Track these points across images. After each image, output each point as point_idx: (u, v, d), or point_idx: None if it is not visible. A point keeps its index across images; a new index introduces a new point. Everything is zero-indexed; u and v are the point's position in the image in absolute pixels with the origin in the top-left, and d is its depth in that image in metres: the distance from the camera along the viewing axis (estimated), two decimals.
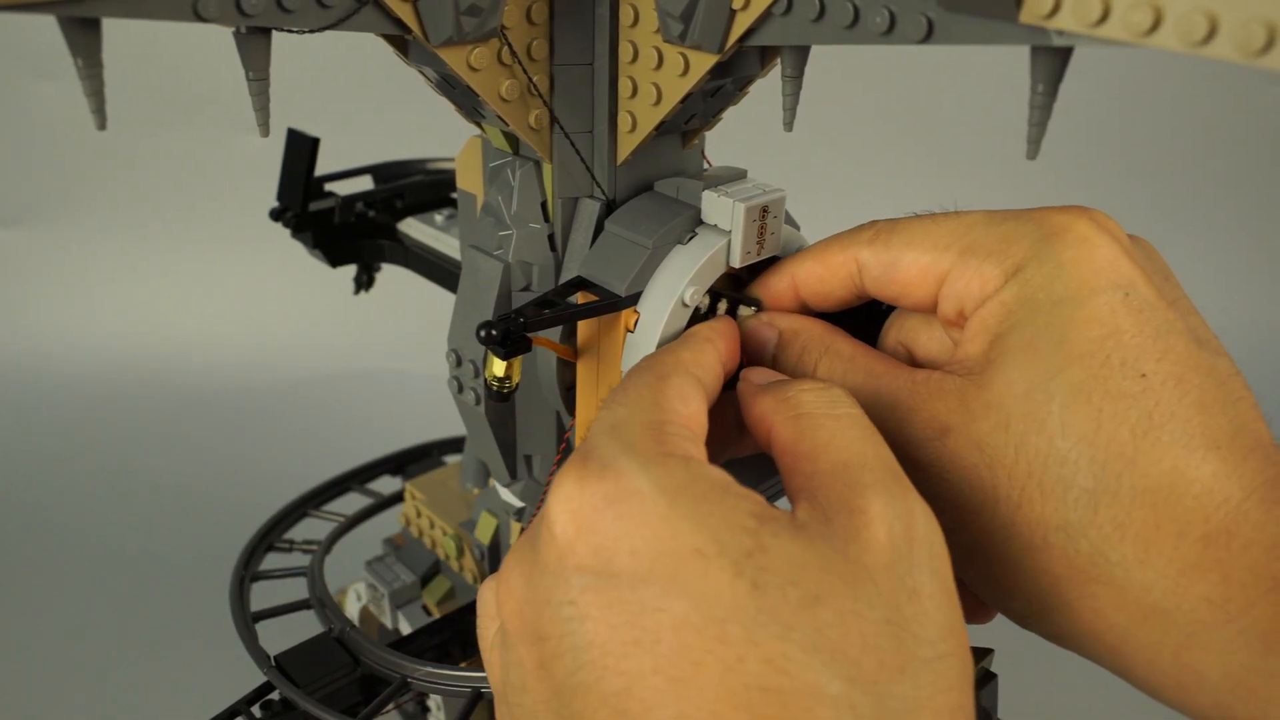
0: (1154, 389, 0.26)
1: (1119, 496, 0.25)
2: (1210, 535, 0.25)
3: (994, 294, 0.28)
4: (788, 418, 0.27)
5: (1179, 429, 0.25)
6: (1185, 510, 0.25)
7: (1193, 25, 0.20)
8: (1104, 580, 0.26)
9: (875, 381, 0.31)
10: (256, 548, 0.63)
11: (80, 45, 0.25)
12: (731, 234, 0.36)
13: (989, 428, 0.27)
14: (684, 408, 0.26)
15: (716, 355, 0.30)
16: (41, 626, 0.90)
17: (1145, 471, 0.25)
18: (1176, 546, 0.25)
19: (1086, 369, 0.26)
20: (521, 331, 0.34)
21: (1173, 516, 0.25)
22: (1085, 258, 0.27)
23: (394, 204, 0.58)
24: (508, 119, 0.37)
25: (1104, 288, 0.27)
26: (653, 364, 0.29)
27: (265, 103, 0.30)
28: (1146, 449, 0.25)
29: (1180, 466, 0.25)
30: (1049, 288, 0.27)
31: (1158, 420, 0.25)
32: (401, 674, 0.49)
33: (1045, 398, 0.26)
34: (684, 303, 0.35)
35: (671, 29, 0.33)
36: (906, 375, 0.30)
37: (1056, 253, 0.28)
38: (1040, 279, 0.27)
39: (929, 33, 0.25)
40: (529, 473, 0.46)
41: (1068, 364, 0.26)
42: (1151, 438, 0.25)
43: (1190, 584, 0.25)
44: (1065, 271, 0.27)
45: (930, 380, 0.29)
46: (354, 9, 0.30)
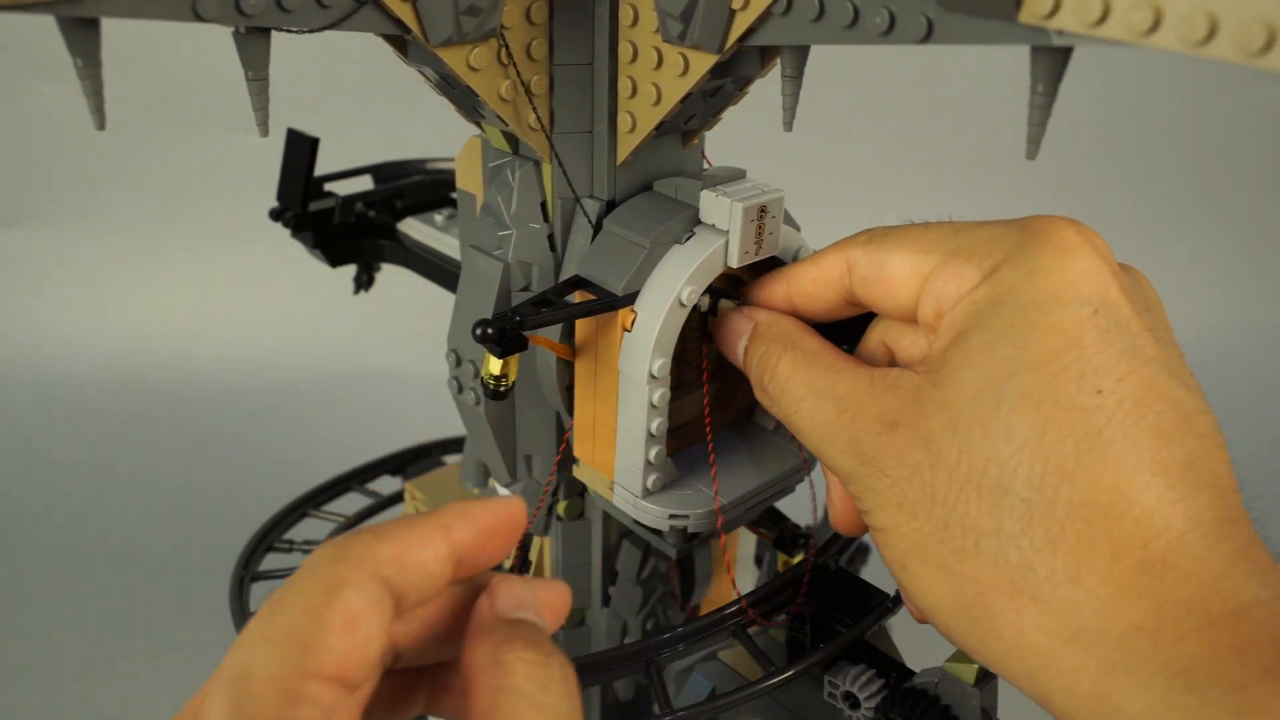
0: (1108, 407, 0.25)
1: (1055, 509, 0.25)
2: (1147, 562, 0.24)
3: (969, 293, 0.28)
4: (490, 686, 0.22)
5: (1128, 449, 0.25)
6: (1123, 532, 0.24)
7: (1193, 25, 0.20)
8: (1031, 594, 0.25)
9: (834, 377, 0.31)
10: (256, 548, 0.63)
11: (79, 45, 0.25)
12: (729, 234, 0.36)
13: (938, 425, 0.27)
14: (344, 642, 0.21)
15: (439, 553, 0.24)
16: (41, 626, 0.90)
17: (1084, 487, 0.25)
18: (1110, 568, 0.24)
19: (1041, 376, 0.25)
20: (518, 330, 0.34)
21: (1109, 537, 0.24)
22: (1061, 266, 0.27)
23: (394, 204, 0.58)
24: (507, 119, 0.37)
25: (1074, 300, 0.26)
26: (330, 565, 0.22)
27: (265, 103, 0.30)
28: (1090, 465, 0.25)
29: (1122, 486, 0.24)
30: (1019, 290, 0.27)
31: (1106, 438, 0.25)
32: None
33: (995, 401, 0.26)
34: (681, 302, 0.35)
35: (671, 29, 0.33)
36: (866, 371, 0.30)
37: (1034, 257, 0.27)
38: (1012, 280, 0.27)
39: (929, 33, 0.25)
40: (529, 473, 0.46)
41: (1023, 369, 0.26)
42: (1097, 454, 0.25)
43: (1121, 609, 0.24)
44: (1038, 277, 0.27)
45: (888, 376, 0.29)
46: (353, 9, 0.30)
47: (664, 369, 0.36)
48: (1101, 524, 0.24)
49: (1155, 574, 0.24)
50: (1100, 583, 0.24)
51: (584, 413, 0.40)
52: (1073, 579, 0.24)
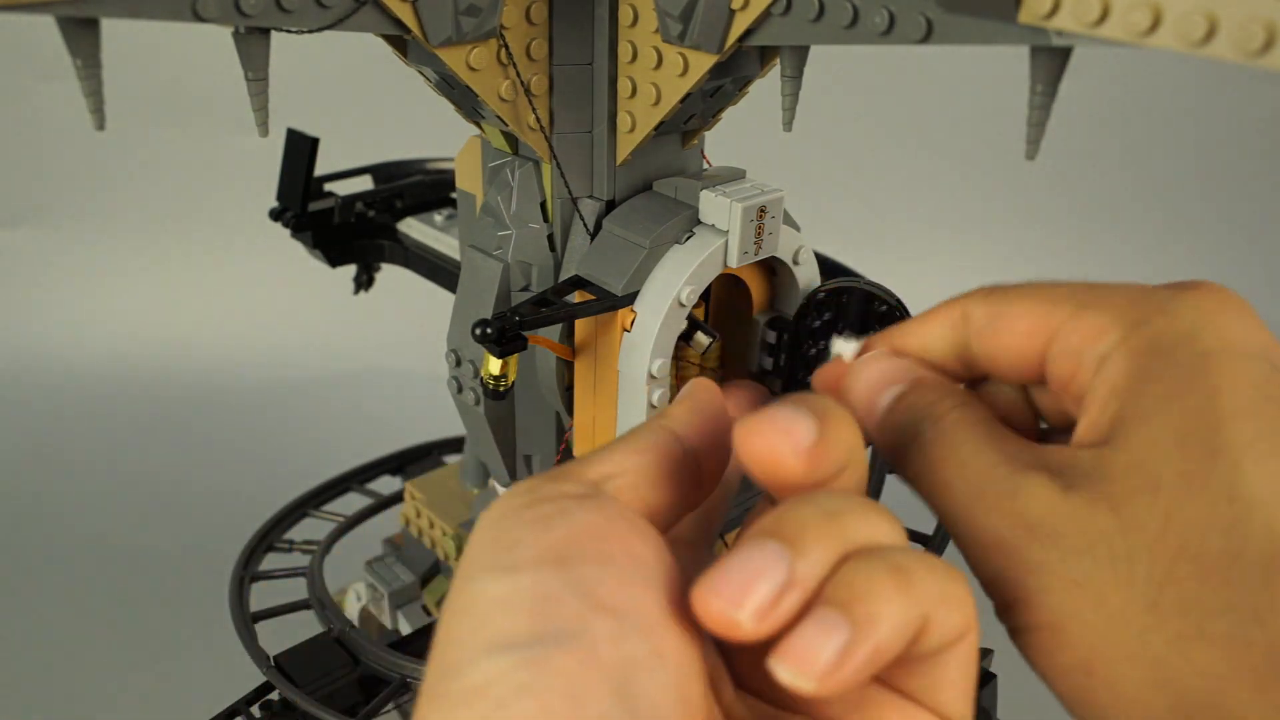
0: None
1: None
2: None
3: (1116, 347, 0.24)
4: None
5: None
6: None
7: (1192, 25, 0.20)
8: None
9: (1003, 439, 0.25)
10: (256, 548, 0.63)
11: (79, 45, 0.25)
12: (729, 234, 0.36)
13: (1131, 487, 0.22)
14: None
15: None
16: (41, 626, 0.90)
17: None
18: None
19: (1255, 428, 0.21)
20: (517, 330, 0.34)
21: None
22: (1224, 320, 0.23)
23: (394, 204, 0.58)
24: (507, 119, 0.37)
25: (1252, 353, 0.22)
26: None
27: (264, 103, 0.30)
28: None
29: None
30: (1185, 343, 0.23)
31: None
32: (401, 674, 0.49)
33: (1207, 454, 0.21)
34: (681, 302, 0.35)
35: (671, 29, 0.33)
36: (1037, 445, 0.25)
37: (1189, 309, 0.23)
38: (1173, 333, 0.23)
39: (928, 33, 0.25)
40: (529, 472, 0.46)
41: (1231, 418, 0.21)
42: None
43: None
44: (1201, 328, 0.23)
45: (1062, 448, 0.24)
46: (353, 9, 0.30)
47: (663, 369, 0.36)
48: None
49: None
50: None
51: (584, 413, 0.40)
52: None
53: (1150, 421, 0.22)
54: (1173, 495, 0.21)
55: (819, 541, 0.20)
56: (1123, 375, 0.23)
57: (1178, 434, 0.22)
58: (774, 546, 0.19)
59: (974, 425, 0.25)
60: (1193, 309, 0.23)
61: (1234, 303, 0.24)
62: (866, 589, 0.19)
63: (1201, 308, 0.23)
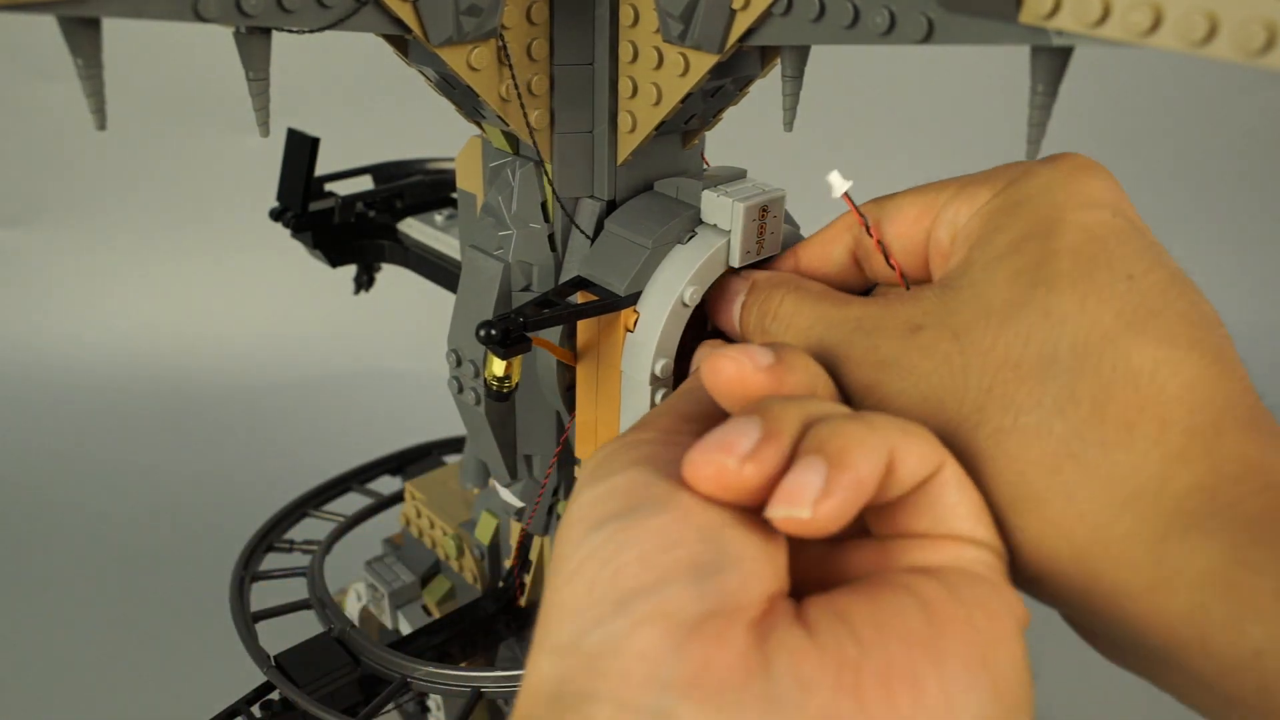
0: (1140, 290, 0.25)
1: (1099, 374, 0.24)
2: (1195, 429, 0.24)
3: (982, 206, 0.28)
4: None
5: (1163, 326, 0.25)
6: (1169, 400, 0.24)
7: (1192, 25, 0.20)
8: (1080, 461, 0.24)
9: (844, 305, 0.30)
10: (256, 548, 0.63)
11: (80, 45, 0.25)
12: (731, 233, 0.36)
13: (968, 316, 0.27)
14: None
15: None
16: (42, 625, 0.90)
17: (1127, 354, 0.24)
18: (1161, 433, 0.24)
19: (1074, 261, 0.26)
20: (521, 331, 0.34)
21: (1156, 403, 0.24)
22: (1076, 178, 0.27)
23: (394, 204, 0.58)
24: (507, 119, 0.37)
25: (1093, 204, 0.27)
26: None
27: (265, 103, 0.30)
28: (1131, 335, 0.25)
29: (1163, 359, 0.24)
30: (1037, 198, 0.27)
31: (1142, 315, 0.25)
32: (401, 674, 0.49)
33: (1029, 284, 0.26)
34: (684, 302, 0.35)
35: (671, 29, 0.33)
36: (879, 297, 0.30)
37: (1048, 172, 0.28)
38: (1029, 189, 0.28)
39: (929, 33, 0.25)
40: (529, 473, 0.46)
41: (1055, 256, 0.26)
42: (1136, 327, 0.25)
43: (1176, 471, 0.24)
44: (1055, 186, 0.27)
45: (904, 293, 0.29)
46: (354, 9, 0.30)
47: (666, 370, 0.36)
48: (1149, 390, 0.24)
49: (1206, 440, 0.24)
50: (1153, 446, 0.24)
51: (585, 413, 0.40)
52: (1124, 444, 0.24)
53: (992, 263, 0.27)
54: (1001, 317, 0.26)
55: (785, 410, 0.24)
56: (979, 226, 0.28)
57: (1012, 271, 0.26)
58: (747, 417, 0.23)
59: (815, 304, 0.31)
60: (1051, 171, 0.28)
61: (1092, 167, 0.28)
62: (832, 432, 0.23)
63: (1059, 170, 0.28)
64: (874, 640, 0.21)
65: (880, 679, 0.21)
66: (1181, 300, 0.26)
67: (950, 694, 0.21)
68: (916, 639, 0.22)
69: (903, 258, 0.31)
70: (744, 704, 0.20)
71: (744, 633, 0.21)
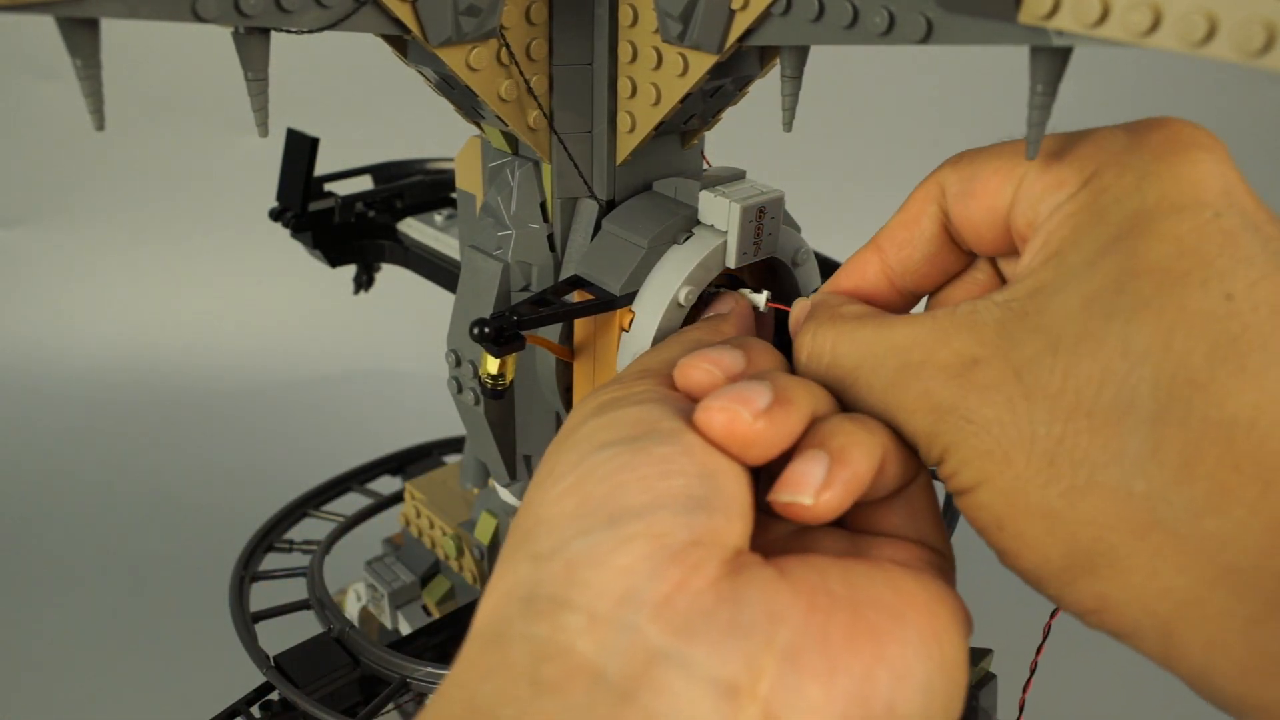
0: (1242, 313, 0.21)
1: (1188, 426, 0.21)
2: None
3: (1065, 203, 0.24)
4: None
5: (1269, 360, 0.20)
6: (1272, 454, 0.20)
7: (1192, 25, 0.20)
8: (1167, 528, 0.21)
9: (887, 330, 0.26)
10: (256, 548, 0.63)
11: (79, 45, 0.25)
12: (728, 234, 0.36)
13: (1031, 352, 0.23)
14: None
15: None
16: (41, 626, 0.90)
17: (1221, 401, 0.20)
18: (1262, 496, 0.20)
19: (1158, 285, 0.21)
20: (515, 329, 0.34)
21: (1255, 459, 0.20)
22: (1175, 167, 0.23)
23: (394, 204, 0.58)
24: (506, 119, 0.37)
25: (1191, 204, 0.22)
26: None
27: (264, 103, 0.30)
28: (1225, 377, 0.21)
29: (1265, 403, 0.20)
30: (1126, 198, 0.23)
31: (1243, 347, 0.21)
32: (401, 674, 0.49)
33: (1105, 315, 0.22)
34: (679, 303, 0.35)
35: (671, 29, 0.33)
36: (928, 316, 0.26)
37: (1142, 160, 0.23)
38: (1118, 187, 0.23)
39: (928, 33, 0.25)
40: (528, 473, 0.46)
41: (1137, 277, 0.22)
42: (1233, 364, 0.21)
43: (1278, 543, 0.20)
44: (1147, 181, 0.23)
45: (957, 312, 0.25)
46: (353, 9, 0.30)
47: None
48: (1245, 444, 0.20)
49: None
50: (1252, 513, 0.20)
51: None
52: (1217, 509, 0.21)
53: (1062, 289, 0.23)
54: (1070, 354, 0.22)
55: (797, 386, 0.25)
56: (1056, 234, 0.24)
57: (1084, 297, 0.23)
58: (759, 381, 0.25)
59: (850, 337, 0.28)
60: (1146, 159, 0.23)
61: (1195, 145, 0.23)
62: (835, 430, 0.24)
63: (1156, 156, 0.23)
64: (844, 594, 0.23)
65: (846, 628, 0.22)
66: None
67: (906, 657, 0.22)
68: (883, 604, 0.23)
69: (988, 233, 0.27)
70: (710, 629, 0.21)
71: (718, 565, 0.22)
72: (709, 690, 0.20)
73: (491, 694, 0.21)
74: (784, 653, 0.21)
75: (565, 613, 0.21)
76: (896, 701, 0.22)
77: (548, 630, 0.21)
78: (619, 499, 0.23)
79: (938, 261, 0.29)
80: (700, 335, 0.31)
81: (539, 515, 0.24)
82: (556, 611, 0.21)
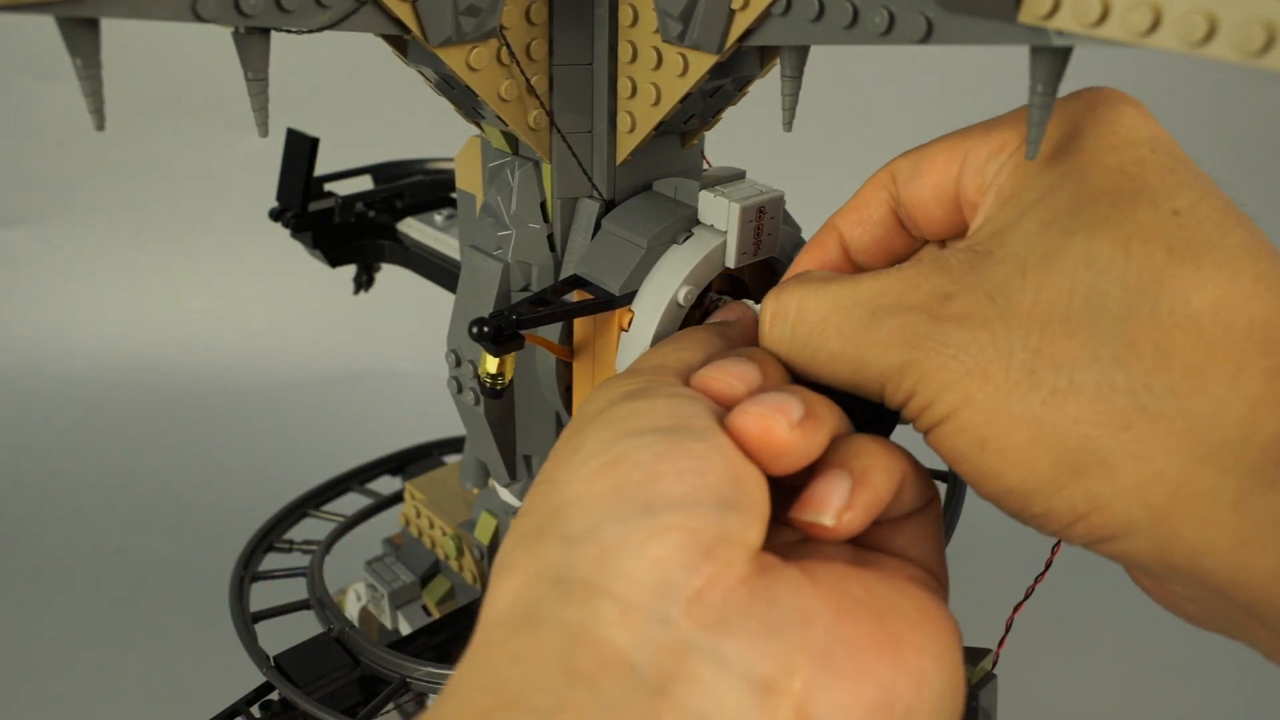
0: (1190, 225, 0.23)
1: (1158, 320, 0.22)
2: (1273, 370, 0.21)
3: (1010, 157, 0.26)
4: None
5: (1222, 260, 0.22)
6: (1239, 340, 0.22)
7: (1192, 25, 0.20)
8: (1152, 415, 0.22)
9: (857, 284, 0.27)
10: (256, 548, 0.63)
11: (79, 45, 0.25)
12: (727, 234, 0.36)
13: (1002, 276, 0.24)
14: None
15: None
16: (41, 626, 0.90)
17: (1186, 295, 0.22)
18: (1237, 376, 0.22)
19: (1110, 204, 0.24)
20: (514, 328, 0.34)
21: (1226, 345, 0.22)
22: (1107, 117, 0.25)
23: (394, 204, 0.58)
24: (506, 119, 0.37)
25: (1127, 143, 0.25)
26: None
27: (264, 103, 0.30)
28: (1186, 274, 0.22)
29: (1224, 296, 0.22)
30: (1067, 145, 0.25)
31: (1196, 250, 0.22)
32: (401, 674, 0.49)
33: (1064, 232, 0.24)
34: (678, 302, 0.35)
35: (670, 29, 0.33)
36: (895, 268, 0.27)
37: (1077, 112, 0.26)
38: (1058, 137, 0.26)
39: (928, 33, 0.25)
40: (528, 473, 0.46)
41: (1088, 201, 0.24)
42: (1190, 264, 0.22)
43: (1260, 416, 0.21)
44: (1085, 128, 0.25)
45: (923, 259, 0.26)
46: (353, 9, 0.30)
47: None
48: (1213, 330, 0.22)
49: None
50: (1231, 391, 0.22)
51: None
52: (1198, 390, 0.22)
53: (1020, 221, 0.25)
54: (1038, 272, 0.24)
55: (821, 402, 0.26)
56: (1009, 181, 0.26)
57: (1043, 222, 0.24)
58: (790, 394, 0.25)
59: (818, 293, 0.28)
60: (1081, 111, 0.26)
61: (1121, 100, 0.26)
62: (858, 450, 0.25)
63: (1085, 109, 0.26)
64: (868, 601, 0.23)
65: (870, 634, 0.22)
66: (1239, 230, 0.23)
67: (925, 667, 0.23)
68: (903, 614, 0.24)
69: (937, 210, 0.29)
70: (745, 625, 0.21)
71: (747, 563, 0.22)
72: (744, 686, 0.20)
73: (522, 680, 0.21)
74: (817, 652, 0.21)
75: (598, 599, 0.21)
76: (915, 710, 0.22)
77: (580, 616, 0.21)
78: (655, 488, 0.23)
79: (884, 243, 0.31)
80: (708, 336, 0.31)
81: (568, 494, 0.24)
82: (589, 597, 0.21)
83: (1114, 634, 0.83)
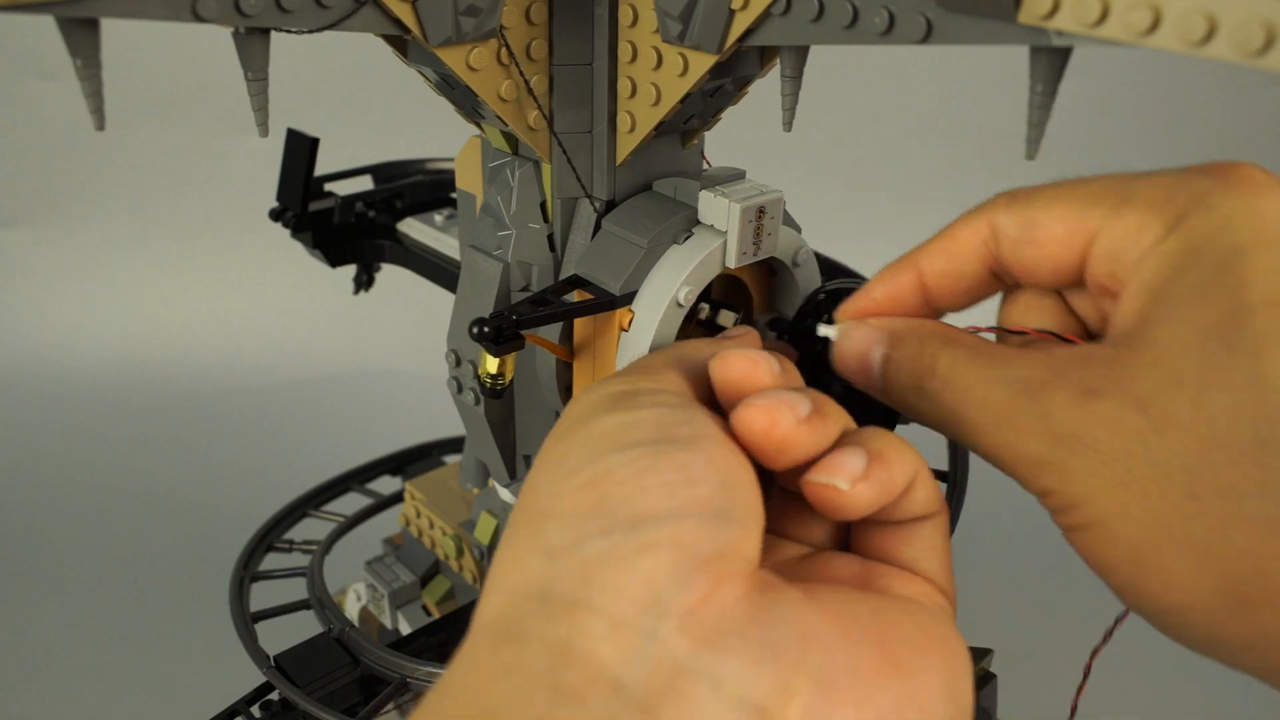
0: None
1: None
2: None
3: (1154, 245, 0.24)
4: None
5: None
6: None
7: (1191, 25, 0.20)
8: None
9: (1005, 363, 0.26)
10: (256, 548, 0.63)
11: (79, 45, 0.25)
12: (727, 234, 0.36)
13: (1153, 385, 0.23)
14: None
15: None
16: (42, 626, 0.90)
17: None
18: None
19: (1272, 317, 0.22)
20: (514, 328, 0.34)
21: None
22: (1259, 206, 0.24)
23: (394, 204, 0.58)
24: (506, 119, 0.37)
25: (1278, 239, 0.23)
26: None
27: (264, 103, 0.30)
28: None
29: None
30: (1219, 237, 0.23)
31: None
32: (401, 674, 0.49)
33: (1226, 347, 0.22)
34: (678, 303, 0.35)
35: (670, 29, 0.33)
36: (1041, 354, 0.25)
37: (1226, 201, 0.24)
38: (1208, 227, 0.24)
39: (928, 33, 0.25)
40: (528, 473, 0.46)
41: (1250, 311, 0.22)
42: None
43: None
44: (1236, 220, 0.23)
45: (1073, 352, 0.25)
46: (353, 9, 0.30)
47: None
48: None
49: None
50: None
51: None
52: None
53: (1174, 319, 0.23)
54: (1197, 388, 0.22)
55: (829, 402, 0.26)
56: (1155, 274, 0.24)
57: (1200, 330, 0.22)
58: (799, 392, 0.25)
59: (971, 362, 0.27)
60: (1229, 200, 0.24)
61: (1269, 187, 0.24)
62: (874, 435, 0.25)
63: (1238, 196, 0.24)
64: (873, 625, 0.22)
65: (874, 659, 0.22)
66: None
67: (931, 695, 0.22)
68: (910, 639, 0.23)
69: (1050, 280, 0.28)
70: (741, 645, 0.20)
71: (744, 579, 0.22)
72: (737, 709, 0.20)
73: (506, 697, 0.20)
74: (817, 677, 0.20)
75: (585, 615, 0.21)
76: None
77: (566, 632, 0.21)
78: (641, 502, 0.22)
79: (972, 294, 0.30)
80: (706, 346, 0.31)
81: (549, 509, 0.23)
82: (575, 613, 0.21)
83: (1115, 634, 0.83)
